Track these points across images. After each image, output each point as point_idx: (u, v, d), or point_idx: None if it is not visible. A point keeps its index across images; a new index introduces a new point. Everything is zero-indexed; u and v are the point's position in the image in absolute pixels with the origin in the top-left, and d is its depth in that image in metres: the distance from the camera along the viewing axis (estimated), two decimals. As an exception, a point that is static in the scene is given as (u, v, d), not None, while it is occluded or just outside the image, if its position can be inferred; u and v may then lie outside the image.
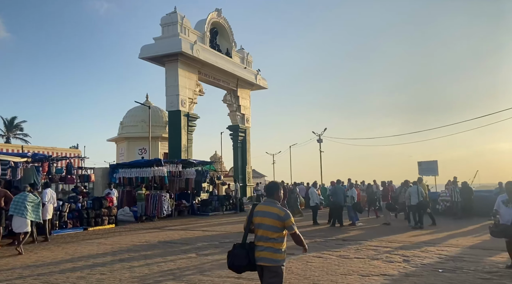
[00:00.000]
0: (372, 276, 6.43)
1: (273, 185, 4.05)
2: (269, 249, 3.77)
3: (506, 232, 6.47)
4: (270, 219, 3.78)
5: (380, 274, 6.56)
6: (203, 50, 24.23)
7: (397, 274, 6.55)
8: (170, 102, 23.32)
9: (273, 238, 3.77)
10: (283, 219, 3.78)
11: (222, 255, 8.48)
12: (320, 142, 37.31)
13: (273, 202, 3.92)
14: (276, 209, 3.82)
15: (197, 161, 20.70)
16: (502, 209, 6.67)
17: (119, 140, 30.06)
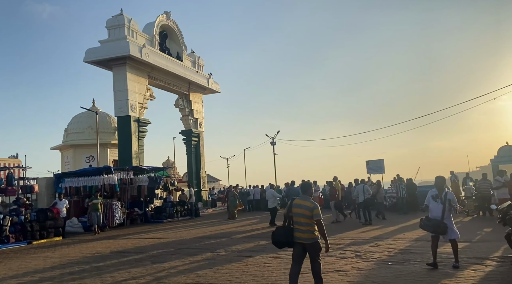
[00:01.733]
0: (327, 273, 6.63)
1: (307, 184, 5.52)
2: (308, 231, 5.18)
3: (436, 228, 6.51)
4: (304, 210, 5.18)
5: (334, 270, 6.78)
6: (152, 53, 23.68)
7: (350, 269, 6.80)
8: (119, 107, 22.52)
9: (307, 222, 5.17)
10: (312, 209, 5.14)
11: (178, 261, 8.35)
12: (273, 145, 37.79)
13: (306, 197, 5.33)
14: (308, 203, 5.22)
15: (149, 167, 20.13)
16: (431, 204, 6.76)
17: (64, 148, 28.49)
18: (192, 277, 6.78)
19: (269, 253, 8.76)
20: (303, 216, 5.16)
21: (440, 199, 6.63)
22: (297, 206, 5.27)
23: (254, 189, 24.97)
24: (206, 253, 9.22)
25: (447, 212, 6.57)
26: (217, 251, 9.49)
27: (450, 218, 6.63)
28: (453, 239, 6.59)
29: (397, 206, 17.41)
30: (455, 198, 6.77)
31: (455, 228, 6.62)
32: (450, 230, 6.51)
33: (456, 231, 6.62)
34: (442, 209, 6.55)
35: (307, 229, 5.15)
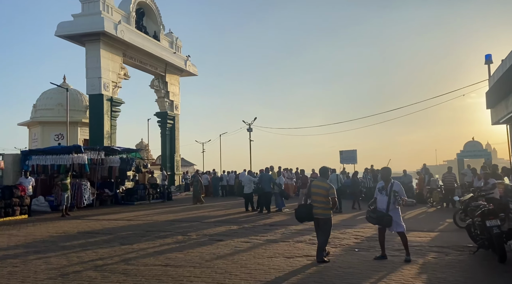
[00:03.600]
0: (296, 258, 6.75)
1: (325, 169, 6.91)
2: (322, 208, 6.46)
3: (380, 220, 6.45)
4: (321, 190, 6.46)
5: (303, 256, 6.91)
6: (128, 31, 22.98)
7: (319, 254, 6.94)
8: (91, 85, 21.84)
9: (322, 201, 6.44)
10: (328, 189, 6.43)
11: (148, 243, 8.29)
12: (250, 131, 37.82)
13: (323, 179, 6.67)
14: (325, 184, 6.53)
15: (121, 148, 19.72)
16: (378, 196, 6.65)
17: (32, 124, 27.45)
18: (161, 259, 6.75)
19: (240, 238, 8.82)
20: (320, 195, 6.42)
21: (386, 191, 6.51)
22: (316, 187, 6.54)
23: (228, 175, 25.00)
24: (177, 236, 9.20)
25: (392, 204, 6.40)
26: (188, 234, 9.48)
27: (397, 210, 6.49)
28: (401, 231, 6.46)
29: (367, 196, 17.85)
30: (402, 189, 6.53)
31: (401, 221, 6.48)
32: (395, 223, 6.39)
33: (402, 224, 6.46)
34: (387, 201, 6.43)
35: (322, 206, 6.42)
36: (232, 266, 6.20)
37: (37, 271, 6.03)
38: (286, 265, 6.27)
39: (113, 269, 6.11)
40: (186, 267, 6.18)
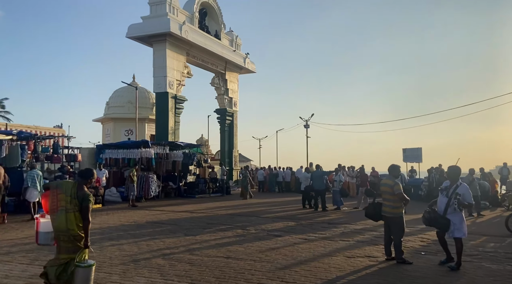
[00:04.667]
0: (357, 258, 6.65)
1: (394, 166, 6.67)
2: (390, 206, 6.35)
3: (433, 222, 6.10)
4: (387, 187, 6.39)
5: (365, 256, 6.79)
6: (191, 31, 23.86)
7: (381, 256, 6.78)
8: (158, 83, 23.02)
9: (389, 199, 6.34)
10: (392, 186, 6.29)
11: (209, 235, 8.63)
12: (307, 127, 37.54)
13: (391, 177, 6.54)
14: (390, 181, 6.43)
15: (184, 143, 20.65)
16: (439, 197, 6.26)
17: (105, 120, 29.63)
18: (223, 252, 7.01)
19: (298, 234, 8.87)
20: (387, 193, 6.36)
21: (447, 192, 6.05)
22: (383, 185, 6.53)
23: (284, 171, 25.08)
24: (236, 230, 9.47)
25: (451, 207, 5.93)
26: (247, 228, 9.71)
27: (458, 214, 5.97)
28: (458, 238, 5.94)
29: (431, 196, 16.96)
30: (469, 193, 6.00)
31: (462, 226, 5.95)
32: (454, 227, 5.90)
33: (463, 230, 5.94)
34: (446, 203, 5.99)
35: (390, 204, 6.33)
36: (292, 263, 6.28)
37: (112, 257, 6.56)
38: (347, 264, 6.21)
39: (179, 258, 6.47)
40: (247, 260, 6.37)
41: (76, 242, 4.42)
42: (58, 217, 4.39)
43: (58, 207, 4.42)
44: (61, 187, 4.52)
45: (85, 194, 4.50)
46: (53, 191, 4.52)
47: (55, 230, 4.45)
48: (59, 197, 4.43)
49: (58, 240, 4.46)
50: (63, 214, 4.37)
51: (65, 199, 4.41)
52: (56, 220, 4.40)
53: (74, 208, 4.40)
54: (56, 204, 4.44)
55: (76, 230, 4.40)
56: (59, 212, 4.40)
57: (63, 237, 4.40)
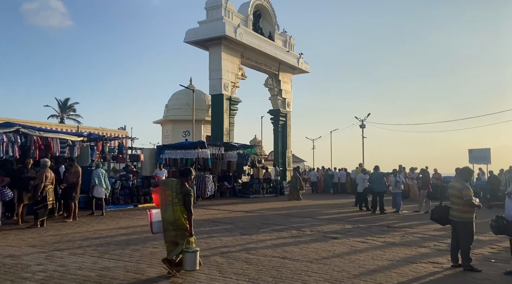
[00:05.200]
0: (420, 263, 6.36)
1: (465, 169, 6.31)
2: (458, 210, 5.97)
3: (502, 230, 5.68)
4: (454, 190, 6.02)
5: (428, 262, 6.48)
6: (246, 33, 24.24)
7: (446, 262, 6.43)
8: (213, 86, 23.66)
9: (457, 202, 5.96)
10: (461, 190, 5.90)
11: (265, 235, 8.71)
12: (363, 127, 36.58)
13: (460, 180, 6.15)
14: (460, 185, 6.00)
15: (238, 144, 21.03)
16: (507, 201, 5.79)
17: (165, 122, 31.01)
18: (279, 252, 7.04)
19: (355, 237, 8.67)
20: (454, 196, 6.01)
21: None
22: (451, 188, 6.16)
23: (339, 172, 24.60)
24: (291, 231, 9.46)
25: None
26: (302, 229, 9.66)
27: None
28: None
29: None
30: None
31: None
32: None
33: None
34: None
35: (458, 208, 5.99)
36: (349, 266, 6.15)
37: (173, 252, 6.85)
38: (409, 270, 5.96)
39: (237, 256, 6.61)
40: (303, 262, 6.34)
41: (182, 230, 5.25)
42: (166, 209, 5.23)
43: (166, 201, 5.25)
44: (168, 184, 5.35)
45: (187, 190, 5.27)
46: (162, 187, 5.36)
47: (164, 221, 5.30)
48: (167, 193, 5.25)
49: (166, 230, 5.31)
50: (170, 207, 5.21)
51: (171, 195, 5.23)
52: (165, 212, 5.25)
53: (179, 202, 5.21)
54: (164, 198, 5.27)
55: (182, 220, 5.23)
56: (167, 205, 5.23)
57: (171, 226, 5.25)
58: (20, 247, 7.16)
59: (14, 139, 10.56)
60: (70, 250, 6.94)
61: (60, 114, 47.23)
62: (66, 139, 12.31)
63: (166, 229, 5.33)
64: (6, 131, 10.42)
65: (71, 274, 5.44)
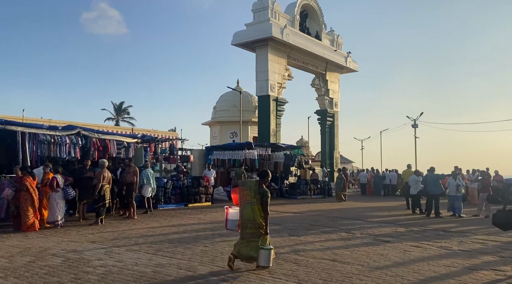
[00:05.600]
0: (480, 270, 5.99)
1: None
2: None
3: None
4: None
5: (490, 269, 6.08)
6: (292, 34, 24.16)
7: (510, 270, 6.00)
8: (260, 87, 23.82)
9: None
10: None
11: (313, 237, 8.62)
12: (415, 127, 35.10)
13: None
14: None
15: (285, 145, 21.03)
16: None
17: (213, 124, 31.71)
18: (329, 254, 6.93)
19: (409, 241, 8.33)
20: None
21: None
22: None
23: (390, 173, 23.77)
24: (340, 233, 9.28)
25: None
26: (352, 232, 9.45)
27: None
28: None
29: None
30: None
31: None
32: None
33: None
34: None
35: None
36: (403, 271, 5.92)
37: (223, 252, 6.97)
38: (469, 277, 5.62)
39: (286, 258, 6.59)
40: (354, 265, 6.20)
41: (259, 229, 5.57)
42: (245, 208, 5.62)
43: (244, 200, 5.63)
44: (246, 185, 5.74)
45: (265, 191, 5.62)
46: (241, 187, 5.75)
47: (243, 219, 5.67)
48: (245, 192, 5.65)
49: (244, 227, 5.66)
50: (249, 206, 5.58)
51: (249, 195, 5.60)
52: (244, 211, 5.64)
53: (257, 201, 5.56)
54: (243, 198, 5.66)
55: (259, 219, 5.56)
56: (246, 204, 5.61)
57: (249, 224, 5.60)
58: (81, 243, 7.64)
59: (76, 141, 11.32)
60: (126, 247, 7.30)
61: (116, 117, 49.81)
62: (122, 141, 12.98)
63: (244, 227, 5.67)
64: (68, 134, 11.18)
65: (128, 269, 5.72)
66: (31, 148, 10.22)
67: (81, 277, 5.32)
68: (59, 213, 9.42)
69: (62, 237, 8.19)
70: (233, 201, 6.09)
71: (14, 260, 6.17)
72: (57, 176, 9.43)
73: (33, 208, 8.89)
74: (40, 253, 6.68)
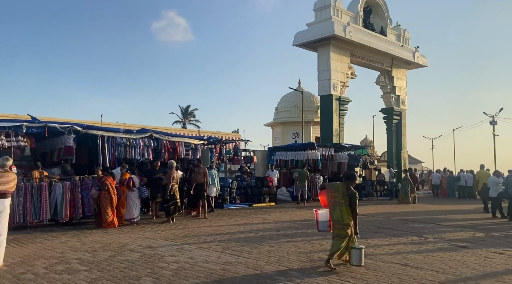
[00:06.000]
0: None
1: None
2: None
3: None
4: None
5: None
6: (356, 31, 23.51)
7: None
8: (322, 86, 23.48)
9: None
10: None
11: (382, 240, 8.32)
12: (493, 124, 32.35)
13: None
14: None
15: (349, 145, 20.54)
16: None
17: (275, 125, 31.93)
18: (399, 258, 6.66)
19: (489, 247, 7.72)
20: None
21: None
22: None
23: (466, 174, 22.15)
24: (411, 236, 8.86)
25: None
26: (424, 236, 8.97)
27: None
28: None
29: None
30: None
31: None
32: None
33: None
34: None
35: None
36: (485, 280, 5.50)
37: (289, 252, 7.01)
38: (563, 290, 5.08)
39: (353, 260, 6.45)
40: (428, 270, 5.89)
41: (348, 229, 5.75)
42: (334, 209, 5.83)
43: (333, 202, 5.84)
44: (334, 187, 5.94)
45: (353, 192, 5.84)
46: (328, 189, 5.96)
47: (333, 220, 5.91)
48: (333, 194, 5.89)
49: (334, 228, 5.88)
50: (338, 208, 5.79)
51: (338, 196, 5.80)
52: (333, 212, 5.87)
53: (345, 203, 5.76)
54: (331, 200, 5.88)
55: (347, 220, 5.75)
56: (335, 206, 5.82)
57: (338, 225, 5.81)
58: (156, 239, 8.13)
59: (148, 143, 12.05)
60: (196, 244, 7.63)
61: (183, 120, 52.18)
62: (189, 143, 13.57)
63: (335, 227, 5.87)
64: (142, 137, 11.94)
65: (199, 266, 5.98)
66: (109, 150, 11.07)
67: (156, 272, 5.66)
68: (135, 211, 10.11)
69: (138, 234, 8.78)
70: (321, 203, 6.33)
71: (97, 255, 6.73)
72: (133, 176, 10.14)
73: (112, 206, 9.63)
74: (119, 248, 7.22)
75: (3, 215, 6.01)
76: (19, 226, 9.09)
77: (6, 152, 8.87)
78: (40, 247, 7.37)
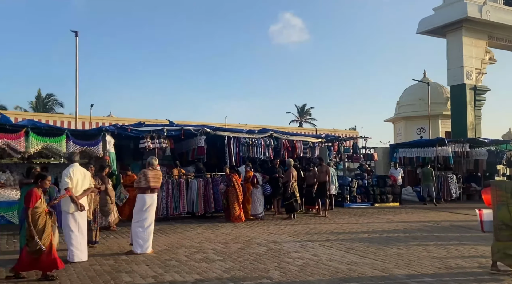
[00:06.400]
0: None
1: None
2: None
3: None
4: None
5: None
6: (494, 10, 20.62)
7: None
8: (453, 76, 21.25)
9: None
10: None
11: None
12: None
13: None
14: None
15: (488, 139, 18.17)
16: None
17: (396, 120, 30.01)
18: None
19: None
20: None
21: None
22: None
23: None
24: None
25: None
26: None
27: None
28: None
29: None
30: None
31: None
32: None
33: None
34: None
35: None
36: None
37: (420, 256, 6.52)
38: None
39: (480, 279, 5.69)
40: None
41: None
42: (499, 209, 5.43)
43: (498, 201, 5.46)
44: (500, 185, 5.62)
45: None
46: (493, 188, 5.64)
47: (497, 220, 5.47)
48: (498, 193, 5.51)
49: (498, 229, 5.43)
50: (504, 207, 5.37)
51: (504, 195, 5.40)
52: (498, 212, 5.45)
53: None
54: (496, 199, 5.50)
55: None
56: (499, 205, 5.43)
57: (505, 226, 5.36)
58: (279, 235, 8.42)
59: (269, 142, 12.55)
60: (319, 242, 7.66)
61: (299, 119, 52.85)
62: (307, 141, 13.68)
63: (498, 228, 5.43)
64: (263, 136, 12.50)
65: (324, 264, 6.00)
66: (235, 149, 11.88)
67: (283, 266, 5.87)
68: (260, 207, 10.63)
69: (263, 229, 9.23)
70: (484, 201, 6.18)
71: (228, 246, 7.28)
72: (256, 174, 10.69)
73: (239, 201, 10.30)
74: (248, 242, 7.68)
75: (152, 207, 6.95)
76: (162, 218, 10.38)
77: (151, 153, 10.25)
78: (181, 237, 8.30)
